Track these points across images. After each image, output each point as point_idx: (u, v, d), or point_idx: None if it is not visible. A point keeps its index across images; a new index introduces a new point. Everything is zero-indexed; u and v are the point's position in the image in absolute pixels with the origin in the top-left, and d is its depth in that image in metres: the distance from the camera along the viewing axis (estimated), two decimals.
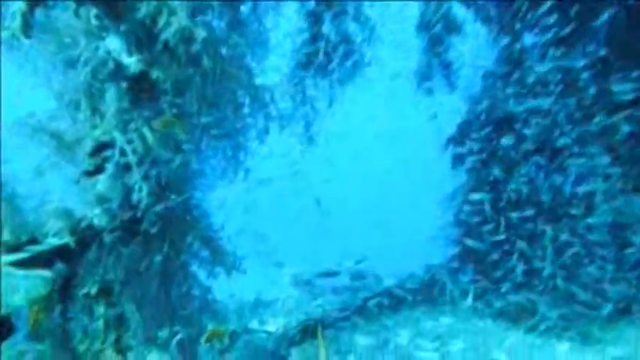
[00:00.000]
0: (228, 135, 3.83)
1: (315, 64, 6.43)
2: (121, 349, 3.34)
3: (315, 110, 6.56)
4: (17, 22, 2.40)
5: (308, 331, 5.81)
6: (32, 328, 2.42)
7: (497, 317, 6.59)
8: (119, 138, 2.52)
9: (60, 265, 3.13)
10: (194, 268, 3.80)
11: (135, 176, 2.81)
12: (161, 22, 2.80)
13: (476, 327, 6.33)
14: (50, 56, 2.69)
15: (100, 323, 3.27)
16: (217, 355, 5.44)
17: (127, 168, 3.25)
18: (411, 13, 6.83)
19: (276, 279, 8.83)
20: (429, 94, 7.54)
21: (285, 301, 7.33)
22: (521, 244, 6.86)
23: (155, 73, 3.37)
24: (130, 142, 2.55)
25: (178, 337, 3.70)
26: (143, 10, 2.84)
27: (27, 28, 2.47)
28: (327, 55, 6.41)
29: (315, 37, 6.38)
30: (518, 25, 7.03)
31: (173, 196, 3.50)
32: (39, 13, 3.16)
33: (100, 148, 2.53)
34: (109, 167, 2.73)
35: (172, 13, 2.72)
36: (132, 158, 2.66)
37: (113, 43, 3.38)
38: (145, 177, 3.40)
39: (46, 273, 1.81)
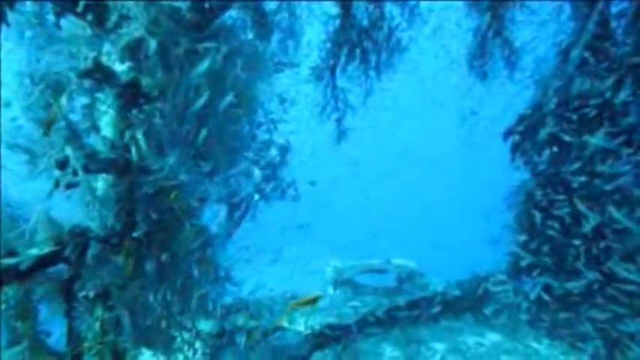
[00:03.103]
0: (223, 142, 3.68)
1: (348, 52, 5.99)
2: (117, 351, 3.47)
3: (347, 103, 6.17)
4: None
5: (331, 336, 5.59)
6: None
7: (555, 339, 5.69)
8: (72, 156, 2.51)
9: (62, 267, 3.32)
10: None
11: (88, 196, 2.81)
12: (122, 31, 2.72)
13: (528, 348, 5.54)
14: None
15: (97, 325, 3.41)
16: (241, 354, 5.52)
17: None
18: None
19: (319, 275, 8.71)
20: (483, 78, 6.61)
21: (319, 300, 7.16)
22: (596, 254, 5.81)
23: (144, 81, 3.34)
24: (78, 159, 2.53)
25: (179, 339, 3.75)
26: (113, 18, 2.80)
27: None
28: (360, 42, 5.93)
29: (347, 22, 5.92)
30: None
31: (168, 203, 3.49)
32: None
33: (62, 164, 2.57)
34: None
35: (132, 21, 2.61)
36: (82, 177, 2.65)
37: (107, 52, 3.42)
38: (137, 185, 3.44)
39: None
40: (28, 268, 2.69)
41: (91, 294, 3.40)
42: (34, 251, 2.76)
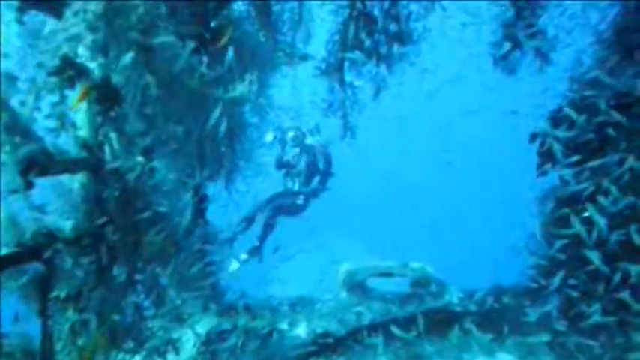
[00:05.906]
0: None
1: (358, 43, 5.59)
2: (86, 354, 3.43)
3: (356, 99, 5.79)
4: None
5: (328, 344, 5.36)
6: None
7: None
8: (7, 161, 2.40)
9: (36, 266, 3.30)
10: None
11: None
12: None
13: None
14: None
15: (67, 327, 3.38)
16: (237, 355, 5.42)
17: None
18: None
19: (331, 276, 8.44)
20: (510, 73, 5.97)
21: (324, 303, 6.93)
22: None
23: (115, 78, 3.21)
24: (14, 164, 2.42)
25: (149, 344, 3.67)
26: (67, 12, 2.65)
27: None
28: (371, 32, 5.51)
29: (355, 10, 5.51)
30: None
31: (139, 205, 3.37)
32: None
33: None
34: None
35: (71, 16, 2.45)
36: (19, 183, 2.55)
37: (82, 48, 3.31)
38: (110, 185, 3.34)
39: None
40: None
41: (62, 294, 3.36)
42: None
